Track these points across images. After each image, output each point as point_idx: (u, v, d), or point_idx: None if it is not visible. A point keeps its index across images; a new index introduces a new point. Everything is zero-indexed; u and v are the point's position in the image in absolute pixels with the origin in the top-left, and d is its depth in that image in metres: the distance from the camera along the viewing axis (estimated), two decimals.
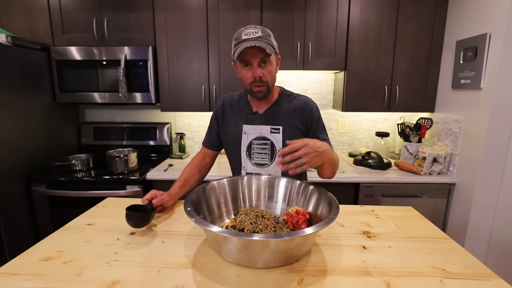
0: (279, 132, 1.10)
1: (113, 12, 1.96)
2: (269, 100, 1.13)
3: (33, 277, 0.70)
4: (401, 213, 1.09)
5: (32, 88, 1.87)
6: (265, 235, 0.66)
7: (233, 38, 1.02)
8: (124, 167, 1.91)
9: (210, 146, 1.24)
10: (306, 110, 1.12)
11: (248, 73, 1.02)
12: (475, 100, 1.67)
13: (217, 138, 1.22)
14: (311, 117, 1.12)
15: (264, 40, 0.97)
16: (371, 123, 2.38)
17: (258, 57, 0.98)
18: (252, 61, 0.99)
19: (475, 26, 1.67)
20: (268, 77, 1.03)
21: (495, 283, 0.69)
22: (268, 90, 1.06)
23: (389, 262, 0.77)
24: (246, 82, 1.05)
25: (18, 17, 1.97)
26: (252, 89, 1.04)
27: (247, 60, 1.00)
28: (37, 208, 1.85)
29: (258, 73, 1.00)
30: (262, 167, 1.13)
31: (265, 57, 0.99)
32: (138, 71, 1.98)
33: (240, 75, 1.07)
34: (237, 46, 0.99)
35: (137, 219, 0.91)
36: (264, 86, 1.03)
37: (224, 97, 1.21)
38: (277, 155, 1.01)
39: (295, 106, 1.13)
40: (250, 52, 0.97)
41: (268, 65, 1.02)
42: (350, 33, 1.94)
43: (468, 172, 1.71)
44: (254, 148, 1.12)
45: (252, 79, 1.02)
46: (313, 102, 1.15)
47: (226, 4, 1.93)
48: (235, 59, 1.02)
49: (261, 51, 0.97)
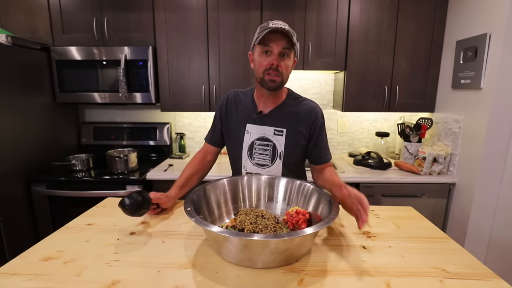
0: (282, 134, 1.09)
1: (113, 12, 1.96)
2: (275, 101, 1.11)
3: (33, 277, 0.69)
4: (401, 213, 1.09)
5: (32, 88, 1.87)
6: (265, 235, 0.66)
7: (259, 27, 1.01)
8: (124, 167, 1.91)
9: (213, 142, 1.22)
10: (312, 116, 1.10)
11: (266, 60, 0.99)
12: (475, 100, 1.67)
13: (220, 135, 1.21)
14: (316, 124, 1.10)
15: (290, 33, 0.96)
16: (371, 123, 2.38)
17: (281, 45, 0.97)
18: (274, 48, 0.97)
19: (475, 26, 1.67)
20: (284, 70, 1.00)
21: (495, 283, 0.69)
22: (282, 83, 1.03)
23: (389, 262, 0.77)
24: (260, 69, 1.01)
25: (18, 17, 1.97)
26: (264, 77, 1.01)
27: (269, 46, 0.98)
28: (37, 208, 1.85)
29: (276, 61, 0.98)
30: (262, 167, 1.12)
31: (287, 49, 0.98)
32: (138, 71, 1.97)
33: (255, 63, 1.04)
34: (262, 32, 0.97)
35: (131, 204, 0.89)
36: (279, 77, 1.00)
37: (229, 94, 1.19)
38: (362, 225, 0.77)
39: (301, 111, 1.10)
40: (274, 38, 0.96)
41: (287, 59, 1.00)
42: (350, 33, 1.94)
43: (468, 172, 1.71)
44: (256, 149, 1.11)
45: (268, 66, 0.99)
46: (320, 108, 1.13)
47: (226, 4, 1.93)
48: (257, 43, 0.99)
49: (285, 40, 0.96)
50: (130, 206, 0.89)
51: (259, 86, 1.08)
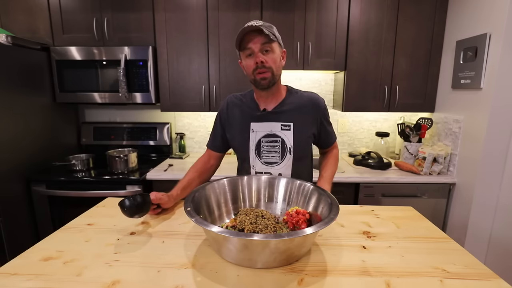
0: (290, 129, 1.09)
1: (113, 12, 1.96)
2: (277, 98, 1.11)
3: (33, 277, 0.70)
4: (401, 213, 1.09)
5: (32, 88, 1.87)
6: (265, 235, 0.66)
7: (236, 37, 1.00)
8: (124, 167, 1.91)
9: (214, 148, 1.22)
10: (315, 106, 1.11)
11: (250, 61, 1.00)
12: (475, 100, 1.67)
13: (221, 140, 1.20)
14: (321, 113, 1.13)
15: (265, 28, 0.95)
16: (371, 123, 2.38)
17: (259, 43, 0.96)
18: (253, 48, 0.97)
19: (475, 26, 1.67)
20: (271, 63, 0.99)
21: (495, 283, 0.69)
22: (273, 77, 1.01)
23: (389, 262, 0.77)
24: (249, 71, 1.02)
25: (18, 17, 1.97)
26: (255, 77, 1.01)
27: (249, 48, 0.98)
28: (37, 208, 1.85)
29: (259, 58, 0.97)
30: (272, 165, 1.10)
31: (266, 43, 0.97)
32: (138, 71, 1.97)
33: (245, 68, 1.04)
34: (238, 37, 0.97)
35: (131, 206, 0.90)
36: (268, 72, 0.99)
37: (228, 98, 1.19)
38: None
39: (304, 102, 1.11)
40: (250, 39, 0.96)
41: (270, 53, 0.99)
42: (350, 33, 1.94)
43: (468, 172, 1.71)
44: (263, 147, 1.10)
45: (254, 66, 0.99)
46: (320, 97, 1.15)
47: (226, 4, 1.93)
48: (238, 50, 1.00)
49: (261, 36, 0.95)
50: (130, 207, 0.90)
51: (256, 89, 1.09)
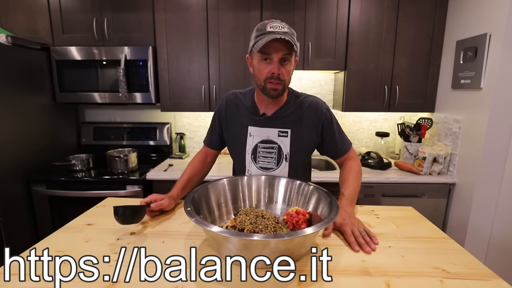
0: (287, 135, 1.07)
1: (113, 12, 1.96)
2: (278, 102, 1.07)
3: (33, 277, 0.69)
4: (401, 213, 1.09)
5: (32, 88, 1.87)
6: (265, 235, 0.66)
7: (255, 29, 0.96)
8: (124, 167, 1.91)
9: (211, 145, 1.21)
10: (317, 113, 1.08)
11: (266, 68, 0.95)
12: (475, 100, 1.67)
13: (218, 138, 1.19)
14: (324, 120, 1.09)
15: (290, 37, 0.91)
16: (371, 123, 2.38)
17: (281, 53, 0.92)
18: (274, 56, 0.93)
19: (475, 26, 1.67)
20: (286, 76, 0.97)
21: (495, 283, 0.69)
22: (283, 90, 0.99)
23: (389, 262, 0.77)
24: (261, 77, 0.98)
25: (18, 17, 1.97)
26: (266, 85, 0.97)
27: (269, 54, 0.93)
28: (37, 208, 1.85)
29: (277, 70, 0.94)
30: (267, 170, 1.09)
31: (288, 55, 0.94)
32: (138, 71, 1.98)
33: (255, 69, 1.00)
34: (260, 37, 0.92)
35: (124, 214, 0.89)
36: (281, 85, 0.97)
37: (228, 96, 1.15)
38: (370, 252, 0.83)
39: (306, 109, 1.08)
40: (274, 46, 0.91)
41: (288, 64, 0.96)
42: (350, 33, 1.94)
43: (468, 172, 1.71)
44: (260, 152, 1.09)
45: (269, 75, 0.95)
46: (323, 103, 1.11)
47: (226, 4, 1.93)
48: (255, 51, 0.94)
49: (286, 47, 0.92)
50: (121, 216, 0.90)
51: (260, 91, 1.04)
